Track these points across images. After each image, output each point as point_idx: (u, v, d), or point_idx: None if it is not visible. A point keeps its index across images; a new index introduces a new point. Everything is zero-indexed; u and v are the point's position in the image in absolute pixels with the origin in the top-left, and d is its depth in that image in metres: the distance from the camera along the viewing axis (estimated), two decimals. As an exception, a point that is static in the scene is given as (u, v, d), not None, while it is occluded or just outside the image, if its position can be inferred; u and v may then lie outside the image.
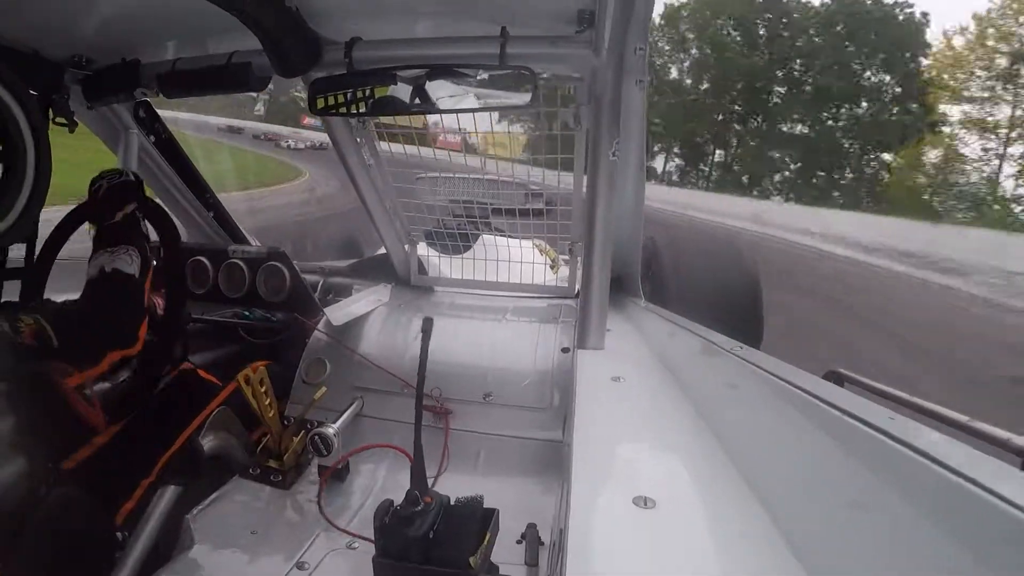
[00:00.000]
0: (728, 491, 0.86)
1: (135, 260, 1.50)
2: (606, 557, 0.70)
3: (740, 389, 1.18)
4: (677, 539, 0.75)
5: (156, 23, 1.64)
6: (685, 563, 0.71)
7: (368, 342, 2.11)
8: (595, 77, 1.53)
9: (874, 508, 0.67)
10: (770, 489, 0.83)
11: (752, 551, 0.73)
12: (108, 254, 1.48)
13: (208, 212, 2.50)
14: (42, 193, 1.33)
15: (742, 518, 0.79)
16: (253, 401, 1.65)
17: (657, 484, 0.83)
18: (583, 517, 0.77)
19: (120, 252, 1.49)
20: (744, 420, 1.09)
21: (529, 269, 2.42)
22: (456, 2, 1.47)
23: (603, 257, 1.58)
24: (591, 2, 1.37)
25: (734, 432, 1.03)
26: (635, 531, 0.74)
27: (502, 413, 1.88)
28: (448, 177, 2.40)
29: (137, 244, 1.54)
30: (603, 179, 1.53)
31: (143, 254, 1.53)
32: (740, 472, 0.91)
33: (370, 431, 1.86)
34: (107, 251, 1.49)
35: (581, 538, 0.72)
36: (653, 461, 1.00)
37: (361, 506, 1.66)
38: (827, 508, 0.74)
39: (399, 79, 1.43)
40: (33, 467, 1.14)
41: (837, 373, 1.85)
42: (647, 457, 1.02)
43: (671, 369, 1.43)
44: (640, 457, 1.03)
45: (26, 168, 1.27)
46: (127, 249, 1.50)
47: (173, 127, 2.27)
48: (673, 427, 1.12)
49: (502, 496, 1.32)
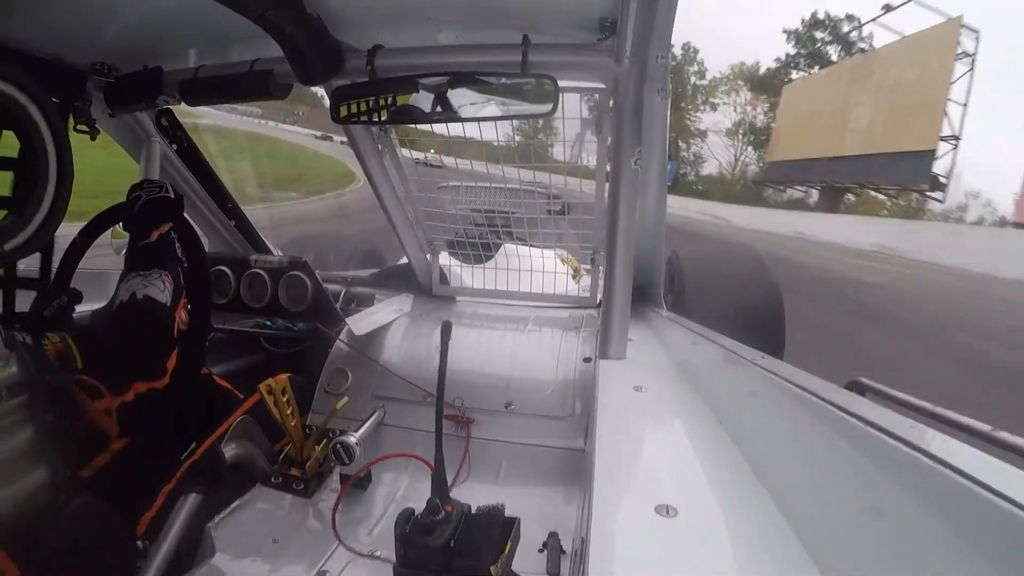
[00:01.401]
0: (750, 500, 0.86)
1: (167, 287, 1.46)
2: (628, 565, 0.70)
3: (761, 398, 1.16)
4: (699, 548, 0.74)
5: (178, 31, 1.65)
6: (707, 572, 0.71)
7: (390, 352, 2.11)
8: (617, 85, 1.53)
9: (896, 518, 0.66)
10: (791, 498, 0.82)
11: (773, 560, 0.73)
12: (141, 278, 1.43)
13: (230, 221, 2.51)
14: (63, 203, 1.31)
15: (763, 527, 0.79)
16: (275, 411, 1.65)
17: (679, 493, 0.83)
18: (605, 526, 0.77)
19: (153, 277, 1.45)
20: (765, 429, 1.08)
21: (551, 279, 2.42)
22: (478, 10, 1.47)
23: (625, 266, 1.57)
24: (613, 10, 1.37)
25: (756, 441, 1.02)
26: (657, 540, 0.73)
27: (524, 422, 1.87)
28: (470, 186, 2.40)
29: (171, 270, 1.51)
30: (625, 188, 1.53)
31: (176, 281, 1.50)
32: (761, 481, 0.90)
33: (392, 440, 1.86)
34: (140, 275, 1.44)
35: (603, 547, 0.72)
36: (675, 470, 0.99)
37: (383, 515, 1.66)
38: (848, 517, 0.73)
39: (421, 87, 1.43)
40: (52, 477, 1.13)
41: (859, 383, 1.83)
42: (669, 466, 1.01)
43: (693, 378, 1.42)
44: (662, 466, 1.02)
45: (48, 177, 1.26)
46: (160, 274, 1.46)
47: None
48: (695, 436, 1.11)
49: (524, 505, 1.32)
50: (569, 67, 1.50)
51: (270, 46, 1.43)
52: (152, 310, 1.40)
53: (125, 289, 1.42)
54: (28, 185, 1.24)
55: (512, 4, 1.43)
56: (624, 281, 1.57)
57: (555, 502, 1.64)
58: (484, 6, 1.45)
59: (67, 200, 1.32)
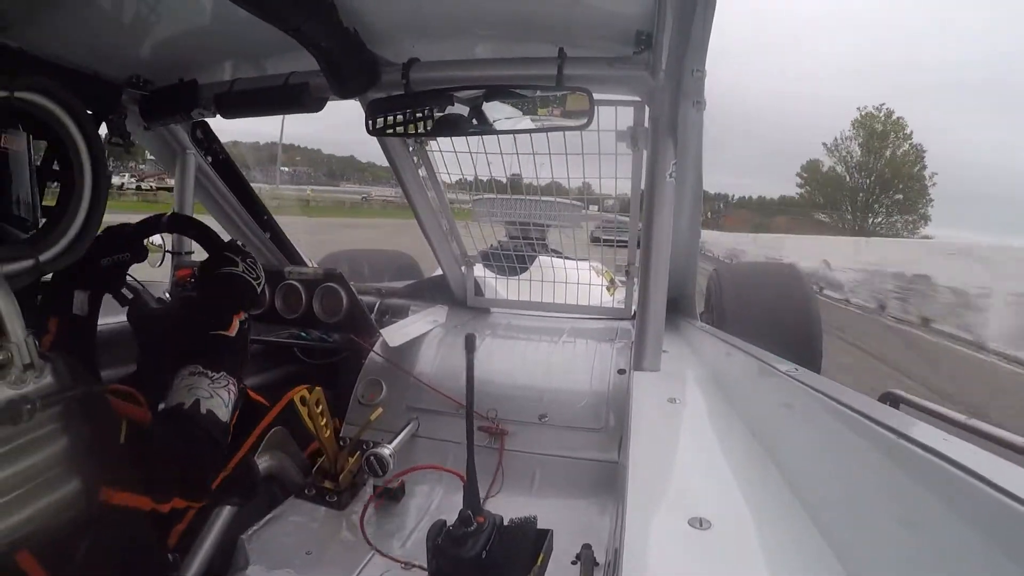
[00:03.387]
0: (783, 512, 0.85)
1: (231, 399, 1.32)
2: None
3: (795, 410, 1.15)
4: (732, 560, 0.74)
5: (214, 44, 1.66)
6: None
7: (424, 363, 2.11)
8: (653, 99, 1.52)
9: (929, 531, 0.65)
10: (824, 511, 0.82)
11: (806, 573, 0.72)
12: (208, 381, 1.29)
13: (265, 233, 2.52)
14: (98, 215, 1.31)
15: (796, 539, 0.78)
16: (309, 422, 1.65)
17: (712, 505, 0.82)
18: (638, 538, 0.76)
19: (219, 385, 1.30)
20: (799, 442, 1.06)
21: (585, 290, 2.42)
22: (514, 24, 1.47)
23: (659, 278, 1.56)
24: (649, 24, 1.36)
25: (789, 453, 1.02)
26: (690, 552, 0.73)
27: (557, 434, 1.86)
28: (505, 199, 2.41)
29: (237, 376, 1.36)
30: (660, 200, 1.52)
31: (239, 388, 1.35)
32: (795, 494, 0.89)
33: (425, 452, 1.86)
34: (207, 376, 1.30)
35: (636, 559, 0.71)
36: (708, 482, 0.98)
37: (416, 527, 1.65)
38: (881, 530, 0.72)
39: (456, 100, 1.43)
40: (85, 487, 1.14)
41: (893, 395, 1.82)
42: (702, 478, 1.00)
43: (727, 390, 1.41)
44: (695, 478, 1.01)
45: (83, 190, 1.26)
46: (227, 383, 1.32)
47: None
48: (728, 448, 1.10)
49: (557, 517, 1.32)
50: (604, 80, 1.50)
51: (306, 59, 1.44)
52: (212, 431, 1.29)
53: (188, 389, 1.28)
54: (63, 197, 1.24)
55: (548, 17, 1.43)
56: (658, 293, 1.56)
57: (588, 514, 1.63)
58: (520, 19, 1.45)
59: (102, 212, 1.32)
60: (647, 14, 1.33)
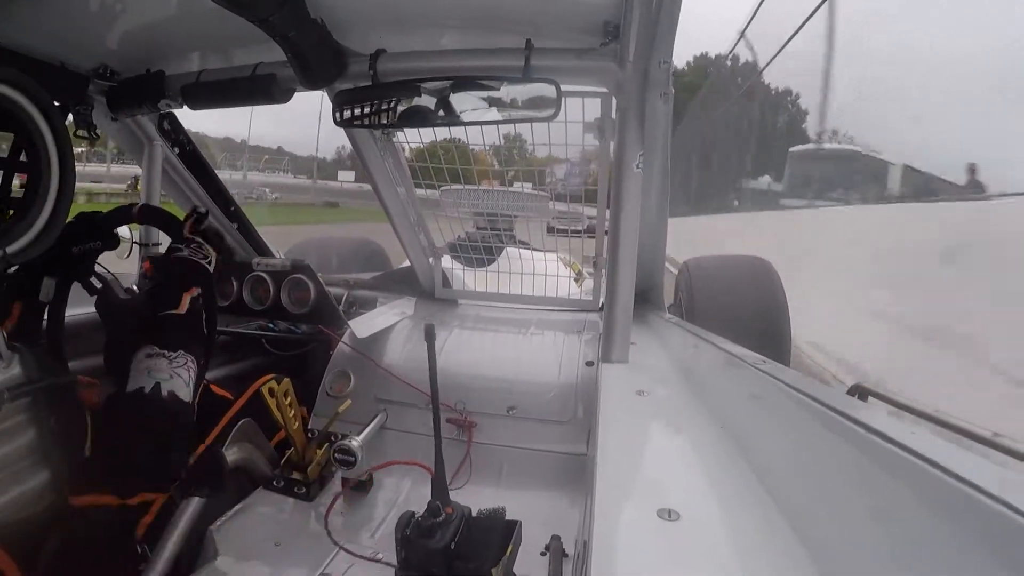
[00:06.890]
0: (751, 504, 0.85)
1: (191, 377, 1.35)
2: (630, 569, 0.69)
3: (763, 403, 1.16)
4: (701, 551, 0.74)
5: (181, 35, 1.64)
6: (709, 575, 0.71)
7: (392, 355, 2.11)
8: (620, 89, 1.52)
9: (897, 523, 0.66)
10: (793, 502, 0.82)
11: (775, 563, 0.73)
12: (166, 362, 1.31)
13: (232, 224, 2.50)
14: (65, 206, 1.30)
15: (765, 531, 0.78)
16: (277, 413, 1.65)
17: (681, 496, 0.83)
18: (607, 529, 0.76)
19: (178, 364, 1.32)
20: (767, 433, 1.07)
21: (553, 282, 2.42)
22: (481, 15, 1.47)
23: (627, 269, 1.57)
24: (616, 14, 1.37)
25: (757, 445, 1.02)
26: (659, 543, 0.73)
27: (526, 426, 1.87)
28: (472, 190, 2.40)
29: (196, 352, 1.39)
30: (627, 191, 1.52)
31: (199, 364, 1.39)
32: (763, 485, 0.90)
33: (394, 444, 1.86)
34: (164, 356, 1.32)
35: (605, 550, 0.71)
36: (677, 474, 0.98)
37: (384, 519, 1.66)
38: (850, 522, 0.73)
39: (423, 91, 1.43)
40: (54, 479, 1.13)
41: (861, 388, 1.84)
42: (671, 470, 1.00)
43: (695, 382, 1.42)
44: (664, 470, 1.01)
45: (50, 181, 1.25)
46: (186, 361, 1.34)
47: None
48: (697, 440, 1.10)
49: (526, 508, 1.32)
50: (572, 71, 1.50)
51: (273, 50, 1.43)
52: (177, 414, 1.30)
53: (147, 371, 1.29)
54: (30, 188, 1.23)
55: (515, 9, 1.43)
56: (626, 284, 1.57)
57: (558, 506, 1.63)
58: (487, 11, 1.45)
59: (69, 203, 1.31)
60: (615, 4, 1.34)
